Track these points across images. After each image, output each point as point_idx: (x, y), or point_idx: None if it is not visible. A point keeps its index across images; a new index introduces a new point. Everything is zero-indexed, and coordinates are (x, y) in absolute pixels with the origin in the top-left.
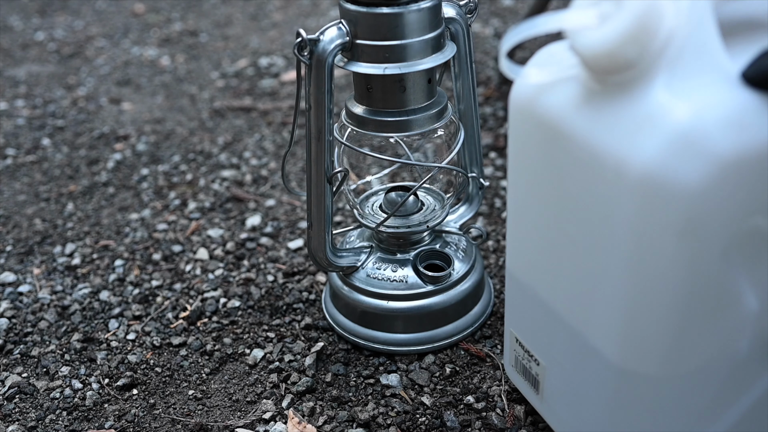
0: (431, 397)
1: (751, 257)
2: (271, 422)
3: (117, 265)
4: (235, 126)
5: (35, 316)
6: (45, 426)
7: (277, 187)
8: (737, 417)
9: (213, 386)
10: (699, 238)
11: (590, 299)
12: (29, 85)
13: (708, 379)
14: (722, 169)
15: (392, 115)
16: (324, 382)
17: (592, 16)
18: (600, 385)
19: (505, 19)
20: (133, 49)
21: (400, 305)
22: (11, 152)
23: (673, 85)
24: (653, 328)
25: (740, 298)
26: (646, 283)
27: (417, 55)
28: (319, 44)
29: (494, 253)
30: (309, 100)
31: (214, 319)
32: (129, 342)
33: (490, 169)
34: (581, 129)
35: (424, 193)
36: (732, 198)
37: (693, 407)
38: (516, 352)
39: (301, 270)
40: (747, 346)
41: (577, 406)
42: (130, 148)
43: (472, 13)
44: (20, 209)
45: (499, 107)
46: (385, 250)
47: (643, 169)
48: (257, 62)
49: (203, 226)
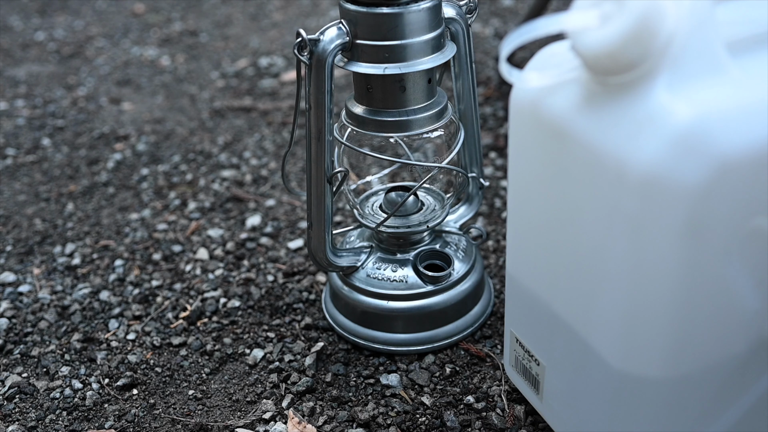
0: (431, 397)
1: (752, 257)
2: (271, 422)
3: (117, 265)
4: (235, 126)
5: (35, 316)
6: (45, 426)
7: (277, 187)
8: (737, 417)
9: (213, 386)
10: (700, 238)
11: (590, 301)
12: (29, 85)
13: (708, 380)
14: (723, 169)
15: (392, 115)
16: (324, 382)
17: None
18: (600, 386)
19: (505, 19)
20: (133, 49)
21: (400, 305)
22: (11, 152)
23: (674, 85)
24: (653, 329)
25: (741, 298)
26: (646, 284)
27: (417, 55)
28: (319, 44)
29: (494, 253)
30: (309, 100)
31: (214, 319)
32: (129, 342)
33: (490, 169)
34: (582, 130)
35: (424, 193)
36: (733, 198)
37: (693, 408)
38: (516, 352)
39: (301, 270)
40: (747, 347)
41: (577, 406)
42: (130, 148)
43: (472, 13)
44: (20, 209)
45: (499, 107)
46: (385, 250)
47: (645, 169)
48: (257, 62)
49: (203, 226)
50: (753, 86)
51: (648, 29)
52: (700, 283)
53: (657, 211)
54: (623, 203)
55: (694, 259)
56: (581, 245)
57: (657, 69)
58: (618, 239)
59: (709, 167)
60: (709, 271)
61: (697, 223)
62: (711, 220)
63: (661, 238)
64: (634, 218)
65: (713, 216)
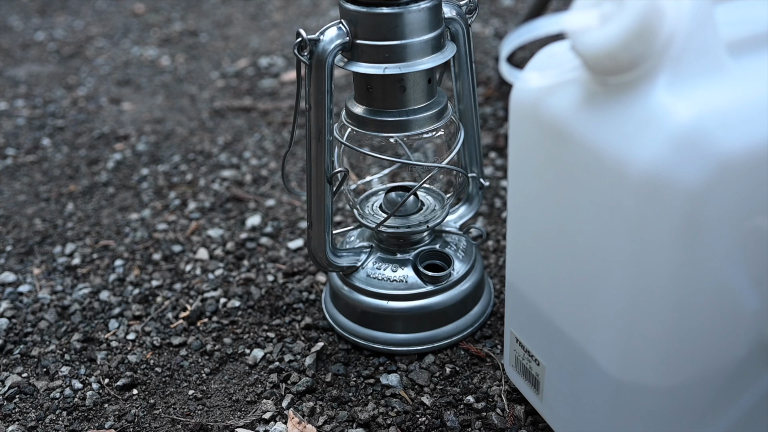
0: (431, 397)
1: (752, 257)
2: (271, 422)
3: (117, 265)
4: (235, 126)
5: (35, 316)
6: (45, 426)
7: (277, 187)
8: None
9: (213, 386)
10: (700, 238)
11: (589, 305)
12: (29, 85)
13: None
14: (723, 169)
15: (392, 115)
16: (324, 382)
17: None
18: (598, 392)
19: (505, 19)
20: (133, 49)
21: (400, 305)
22: (11, 152)
23: (674, 85)
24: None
25: (740, 299)
26: (645, 283)
27: (417, 55)
28: (319, 44)
29: (494, 253)
30: (309, 100)
31: (214, 319)
32: (129, 342)
33: (490, 169)
34: (582, 130)
35: (424, 193)
36: (733, 198)
37: (691, 411)
38: (516, 351)
39: (301, 270)
40: (746, 349)
41: (577, 406)
42: (130, 148)
43: (472, 13)
44: (20, 209)
45: (499, 107)
46: (385, 250)
47: (645, 169)
48: (257, 62)
49: (203, 226)
50: (753, 86)
51: (648, 29)
52: (700, 282)
53: (657, 211)
54: (623, 203)
55: (693, 258)
56: (581, 245)
57: (657, 69)
58: (618, 239)
59: (709, 167)
60: (709, 271)
61: (697, 223)
62: (711, 220)
63: (660, 237)
64: (634, 218)
65: (713, 216)
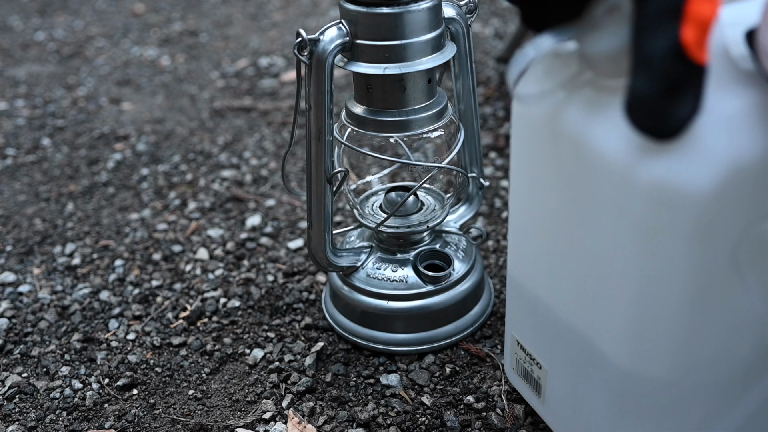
0: (431, 397)
1: (759, 260)
2: (271, 422)
3: (117, 265)
4: (235, 126)
5: (35, 316)
6: (45, 426)
7: (277, 187)
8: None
9: (213, 386)
10: (708, 242)
11: (596, 303)
12: (29, 85)
13: (714, 380)
14: (731, 173)
15: (392, 115)
16: (324, 382)
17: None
18: (605, 388)
19: (505, 19)
20: (133, 49)
21: (400, 305)
22: (11, 152)
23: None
24: (661, 331)
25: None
26: (654, 287)
27: (417, 55)
28: (319, 44)
29: (494, 253)
30: (309, 100)
31: (214, 319)
32: (129, 342)
33: (490, 169)
34: (588, 134)
35: (424, 193)
36: (741, 202)
37: (698, 408)
38: (517, 355)
39: (301, 270)
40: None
41: (580, 408)
42: (130, 148)
43: (472, 13)
44: (20, 209)
45: (499, 107)
46: (385, 250)
47: (652, 173)
48: (257, 62)
49: (203, 226)
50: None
51: None
52: (708, 285)
53: (664, 215)
54: (631, 208)
55: (702, 263)
56: (587, 249)
57: None
58: (626, 243)
59: (716, 171)
60: (717, 273)
61: (705, 227)
62: (720, 224)
63: (670, 242)
64: (643, 223)
65: (721, 219)
